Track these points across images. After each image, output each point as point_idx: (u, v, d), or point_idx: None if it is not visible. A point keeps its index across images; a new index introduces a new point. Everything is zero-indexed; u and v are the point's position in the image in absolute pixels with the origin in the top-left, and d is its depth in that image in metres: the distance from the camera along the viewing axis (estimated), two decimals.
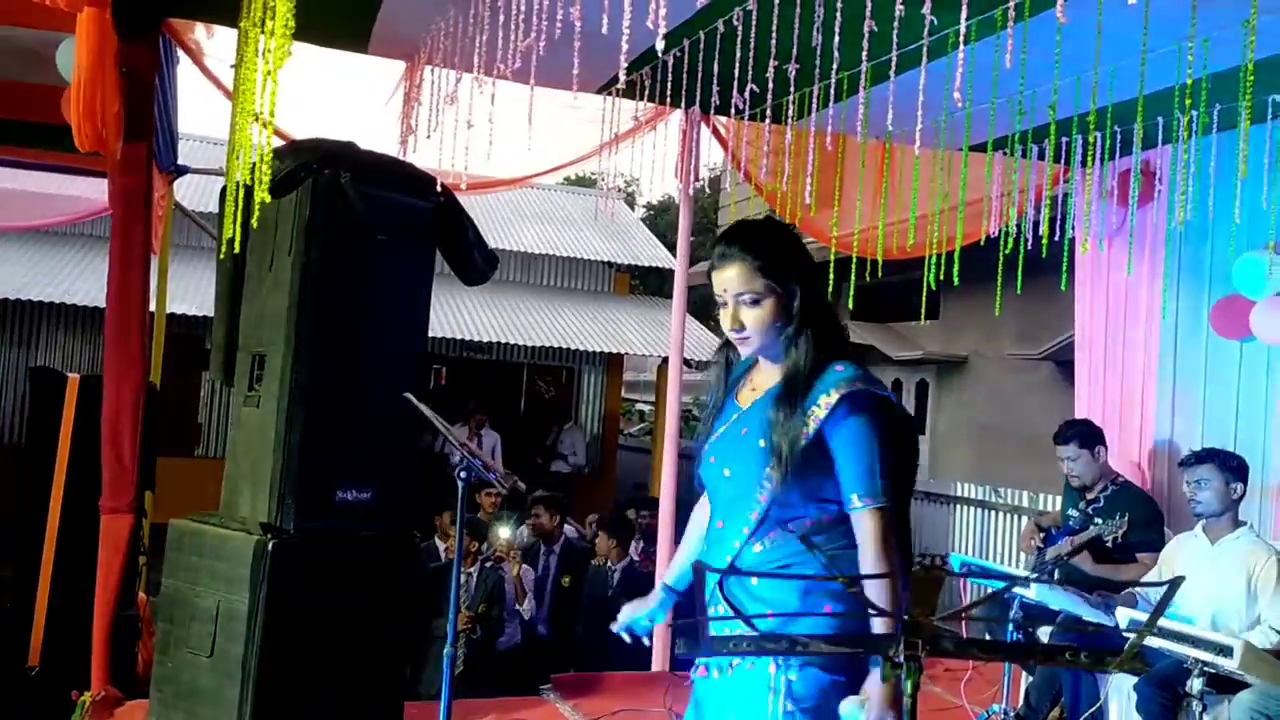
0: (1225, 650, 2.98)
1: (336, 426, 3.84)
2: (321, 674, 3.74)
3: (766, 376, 2.31)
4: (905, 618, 1.16)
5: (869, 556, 2.11)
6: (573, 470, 12.29)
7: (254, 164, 2.90)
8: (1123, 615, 3.51)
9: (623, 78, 2.69)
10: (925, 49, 3.19)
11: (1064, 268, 4.60)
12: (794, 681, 2.08)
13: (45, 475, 5.44)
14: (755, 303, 2.24)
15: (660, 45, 2.04)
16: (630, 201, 25.67)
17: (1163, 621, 3.29)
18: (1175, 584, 1.26)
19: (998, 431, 10.77)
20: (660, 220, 29.17)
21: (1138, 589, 4.25)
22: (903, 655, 1.13)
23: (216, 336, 4.07)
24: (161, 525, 4.50)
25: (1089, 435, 4.96)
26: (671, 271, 9.04)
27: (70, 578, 5.29)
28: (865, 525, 2.13)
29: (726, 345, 2.42)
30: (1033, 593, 3.71)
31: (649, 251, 14.41)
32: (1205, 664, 3.09)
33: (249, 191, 3.08)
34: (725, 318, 2.28)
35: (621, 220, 15.21)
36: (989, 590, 4.45)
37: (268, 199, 2.82)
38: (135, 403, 4.17)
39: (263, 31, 2.53)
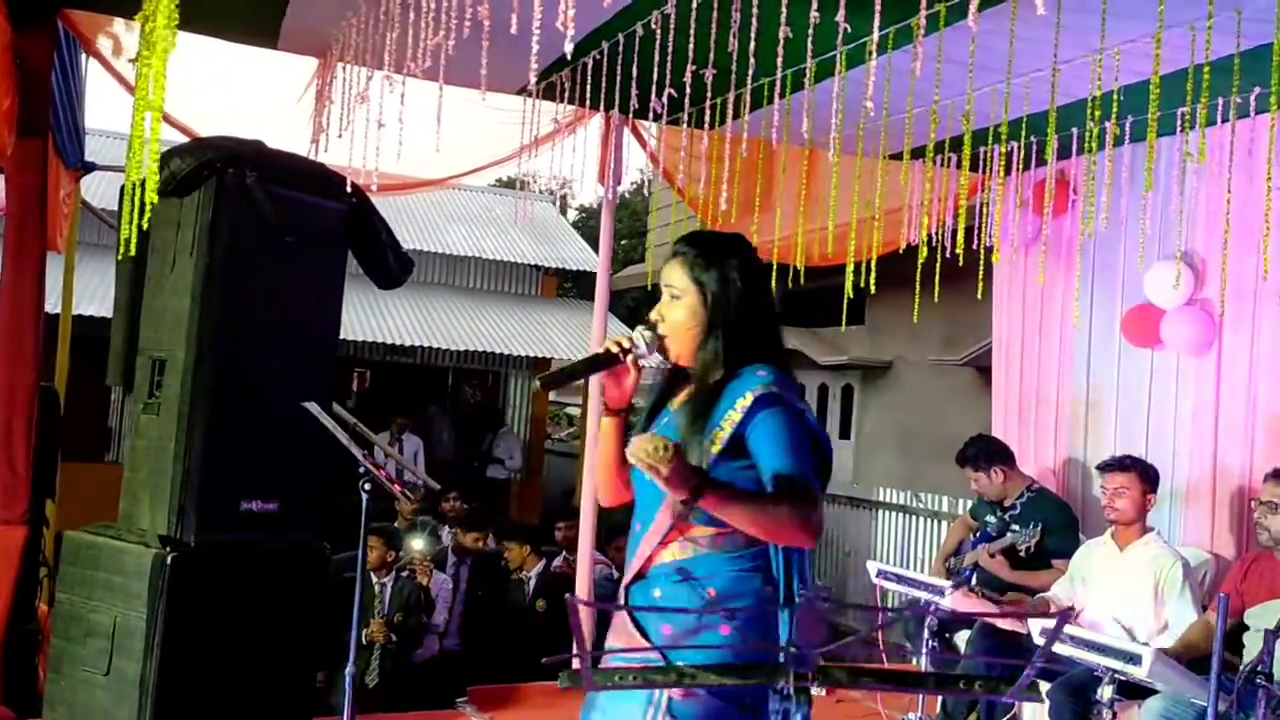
0: (1134, 659, 3.00)
1: (240, 435, 3.72)
2: (224, 691, 3.62)
3: (692, 383, 2.24)
4: (792, 649, 1.10)
5: (776, 495, 1.99)
6: (509, 475, 12.16)
7: (142, 161, 2.78)
8: (1035, 624, 3.53)
9: (533, 80, 2.62)
10: (840, 56, 3.18)
11: (980, 275, 4.63)
12: (674, 699, 2.01)
13: None
14: (677, 297, 2.19)
15: (569, 49, 1.98)
16: (563, 204, 25.57)
17: (1074, 630, 3.32)
18: (1064, 617, 1.23)
19: (921, 436, 10.88)
20: (593, 223, 29.10)
21: (1049, 595, 4.29)
22: (792, 687, 1.08)
23: (115, 341, 3.92)
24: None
25: (985, 455, 5.03)
26: None
27: None
28: (789, 488, 2.00)
29: None
30: (948, 603, 3.72)
31: (578, 255, 14.30)
32: (1115, 672, 3.11)
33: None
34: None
35: (550, 223, 15.08)
36: (904, 601, 4.46)
37: (155, 199, 2.69)
38: (29, 407, 3.99)
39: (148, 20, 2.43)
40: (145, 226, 3.00)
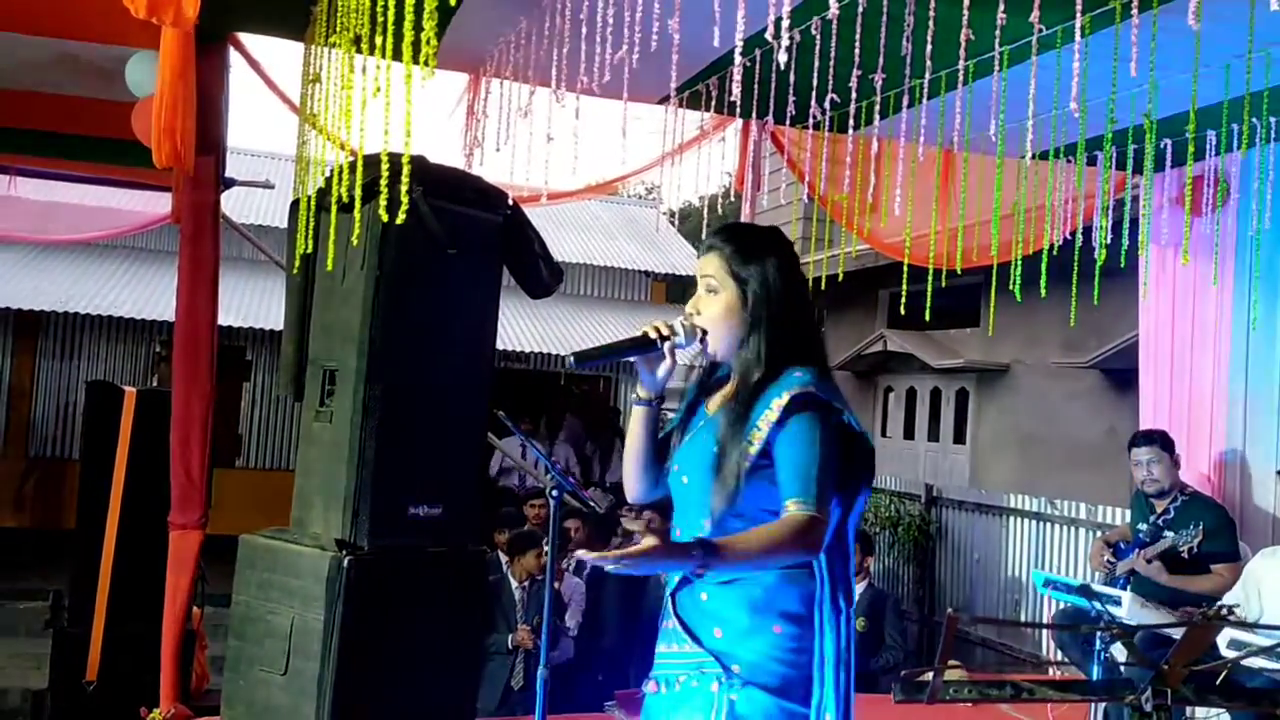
0: None
1: (408, 442, 3.81)
2: (396, 692, 3.71)
3: (732, 383, 2.20)
4: (1165, 666, 1.10)
5: (771, 533, 1.99)
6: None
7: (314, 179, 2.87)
8: (1223, 635, 3.42)
9: (737, 90, 2.65)
10: (1003, 56, 3.13)
11: (1096, 275, 4.45)
12: (736, 702, 2.01)
13: (102, 489, 5.44)
14: (713, 291, 2.17)
15: (782, 59, 2.00)
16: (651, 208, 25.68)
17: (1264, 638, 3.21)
18: None
19: (1042, 441, 10.64)
20: (680, 228, 29.08)
21: (1224, 604, 4.14)
22: (1151, 704, 1.07)
23: (286, 352, 4.04)
24: (211, 537, 4.47)
25: (1169, 440, 4.88)
26: None
27: (128, 593, 5.29)
28: (790, 519, 1.99)
29: None
30: (1124, 611, 3.62)
31: (686, 261, 14.36)
32: None
33: (344, 207, 3.05)
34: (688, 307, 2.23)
35: (659, 230, 15.20)
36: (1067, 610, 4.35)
37: (400, 220, 2.79)
38: (204, 417, 4.16)
39: (372, 52, 2.51)
40: (355, 242, 3.10)
